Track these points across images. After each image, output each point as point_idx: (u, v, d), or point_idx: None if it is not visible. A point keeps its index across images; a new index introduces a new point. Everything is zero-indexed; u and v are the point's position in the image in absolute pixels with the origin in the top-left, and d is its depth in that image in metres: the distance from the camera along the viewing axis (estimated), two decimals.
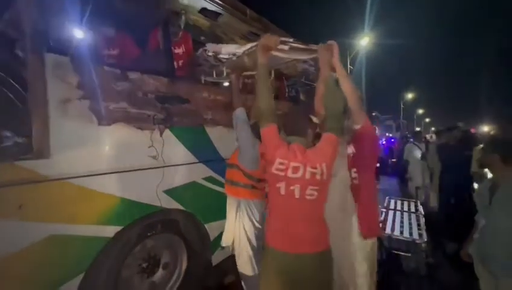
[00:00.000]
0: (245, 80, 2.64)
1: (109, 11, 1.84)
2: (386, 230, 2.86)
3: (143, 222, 1.72)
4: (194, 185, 2.04)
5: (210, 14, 2.61)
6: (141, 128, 1.68)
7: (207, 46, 2.33)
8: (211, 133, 2.16)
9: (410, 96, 33.81)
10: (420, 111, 47.41)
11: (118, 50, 1.86)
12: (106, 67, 1.57)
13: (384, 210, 3.49)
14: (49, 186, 1.28)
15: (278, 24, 3.09)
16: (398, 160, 5.32)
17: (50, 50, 1.29)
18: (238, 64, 1.95)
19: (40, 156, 1.20)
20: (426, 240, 2.68)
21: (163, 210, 1.81)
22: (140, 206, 1.67)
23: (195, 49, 2.48)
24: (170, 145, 1.84)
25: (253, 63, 1.40)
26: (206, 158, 2.12)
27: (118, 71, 1.60)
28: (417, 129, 12.11)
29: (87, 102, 1.43)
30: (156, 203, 1.76)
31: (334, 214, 1.54)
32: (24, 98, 1.16)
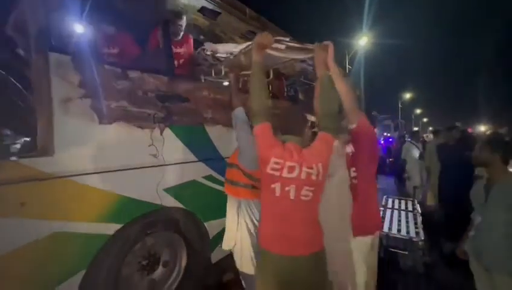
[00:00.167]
0: (245, 79, 2.66)
1: (110, 11, 1.85)
2: (384, 228, 2.90)
3: (143, 220, 1.74)
4: (194, 184, 2.05)
5: (209, 13, 2.62)
6: (141, 126, 1.69)
7: (205, 45, 2.34)
8: (211, 131, 2.17)
9: (408, 96, 33.95)
10: (418, 111, 47.63)
11: (119, 49, 1.87)
12: (107, 66, 1.58)
13: (382, 209, 3.53)
14: (51, 184, 1.29)
15: (277, 23, 3.10)
16: (396, 159, 5.35)
17: (53, 49, 1.30)
18: (235, 63, 1.96)
19: (44, 154, 1.21)
20: (423, 239, 2.71)
21: (163, 208, 1.83)
22: (140, 204, 1.68)
23: (195, 48, 2.49)
24: (170, 143, 1.85)
25: (249, 62, 1.40)
26: (206, 157, 2.13)
27: (119, 70, 1.61)
28: (415, 129, 12.19)
29: (88, 100, 1.44)
30: (156, 201, 1.78)
31: (333, 215, 1.54)
32: (28, 97, 1.17)
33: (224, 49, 1.99)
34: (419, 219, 3.19)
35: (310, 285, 1.20)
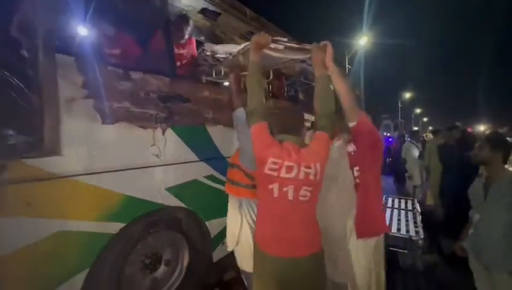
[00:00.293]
0: (244, 80, 2.68)
1: (113, 12, 1.86)
2: None
3: (146, 219, 1.75)
4: (196, 183, 2.07)
5: (210, 14, 2.64)
6: (144, 127, 1.71)
7: (205, 45, 2.36)
8: (212, 131, 2.19)
9: (408, 95, 33.98)
10: (418, 110, 47.66)
11: (123, 51, 1.88)
12: (111, 67, 1.60)
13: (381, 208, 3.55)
14: (57, 183, 1.31)
15: (276, 23, 3.11)
16: (395, 159, 5.37)
17: (59, 51, 1.32)
18: (234, 63, 1.97)
19: (51, 154, 1.23)
20: (423, 237, 2.73)
21: (165, 208, 1.84)
22: (143, 203, 1.70)
23: (196, 49, 2.51)
24: (172, 143, 1.87)
25: (248, 62, 1.41)
26: (207, 157, 2.15)
27: (123, 71, 1.63)
28: (415, 128, 12.21)
29: (93, 101, 1.46)
30: (159, 200, 1.80)
31: (338, 216, 1.54)
32: (35, 98, 1.19)
33: (223, 49, 2.01)
34: (418, 218, 3.21)
35: (309, 286, 1.20)
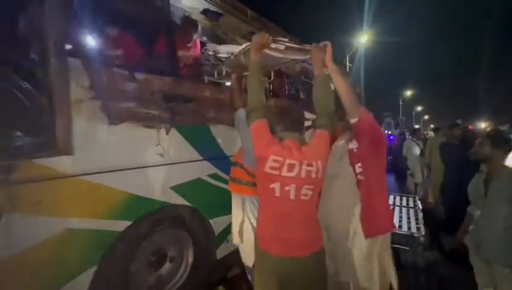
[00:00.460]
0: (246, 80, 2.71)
1: (118, 16, 1.90)
2: None
3: (151, 217, 1.79)
4: (199, 182, 2.10)
5: (211, 15, 2.67)
6: (148, 127, 1.74)
7: (207, 45, 2.39)
8: (215, 131, 2.22)
9: (409, 93, 33.87)
10: (419, 108, 47.51)
11: (128, 53, 1.91)
12: (117, 69, 1.63)
13: None
14: (67, 182, 1.35)
15: (277, 22, 3.12)
16: (396, 157, 5.37)
17: (71, 54, 1.36)
18: (236, 63, 2.00)
19: (64, 153, 1.27)
20: (424, 234, 2.76)
21: (170, 206, 1.88)
22: (148, 201, 1.74)
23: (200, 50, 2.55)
24: (176, 143, 1.91)
25: (249, 62, 1.43)
26: (210, 156, 2.18)
27: (129, 73, 1.66)
28: (416, 126, 12.20)
29: (99, 102, 1.49)
30: (163, 199, 1.83)
31: (339, 214, 1.54)
32: (48, 101, 1.22)
33: (225, 49, 2.04)
34: (420, 215, 3.23)
35: (310, 286, 1.20)
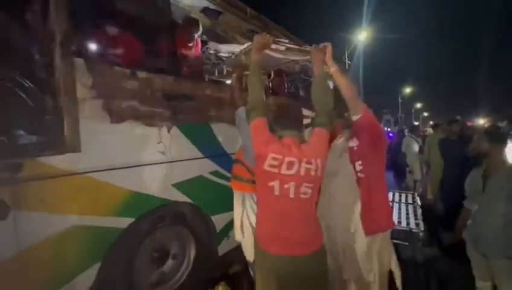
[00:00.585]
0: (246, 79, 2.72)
1: (120, 15, 1.91)
2: None
3: (154, 214, 1.81)
4: (201, 179, 2.12)
5: (211, 13, 2.68)
6: (150, 125, 1.76)
7: (209, 44, 2.41)
8: (216, 129, 2.24)
9: (408, 90, 33.89)
10: (418, 105, 47.54)
11: (130, 52, 1.93)
12: (119, 68, 1.64)
13: None
14: (73, 179, 1.38)
15: (276, 20, 3.13)
16: (395, 154, 5.37)
17: (77, 55, 1.38)
18: (237, 62, 2.02)
19: (72, 151, 1.29)
20: (423, 230, 2.79)
21: (172, 203, 1.90)
22: (151, 199, 1.76)
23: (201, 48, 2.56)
24: (177, 141, 1.93)
25: (249, 61, 1.46)
26: (212, 153, 2.20)
27: (132, 73, 1.68)
28: (415, 123, 12.24)
29: (102, 101, 1.51)
30: (165, 196, 1.85)
31: (340, 212, 1.55)
32: (56, 100, 1.25)
33: (226, 49, 2.06)
34: (419, 211, 3.26)
35: (311, 284, 1.21)
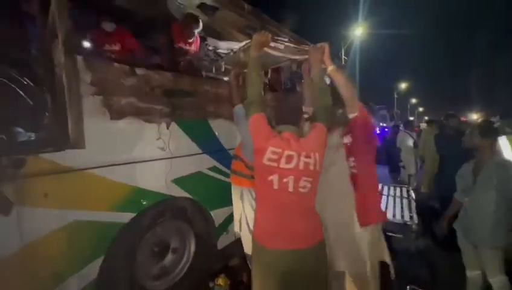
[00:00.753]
0: (243, 77, 2.74)
1: (120, 12, 1.91)
2: None
3: (154, 209, 1.84)
4: (200, 175, 2.15)
5: (208, 9, 2.67)
6: (149, 121, 1.78)
7: (208, 40, 2.41)
8: (214, 125, 2.26)
9: (403, 86, 34.11)
10: (413, 101, 47.92)
11: (129, 49, 1.94)
12: (118, 64, 1.65)
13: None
14: (74, 175, 1.40)
15: (272, 14, 3.13)
16: (389, 148, 5.43)
17: (79, 53, 1.40)
18: (235, 59, 2.03)
19: (76, 147, 1.31)
20: (417, 223, 2.87)
21: (172, 198, 1.93)
22: (151, 194, 1.79)
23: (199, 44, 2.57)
24: (176, 137, 1.95)
25: (248, 59, 1.48)
26: (210, 149, 2.23)
27: (132, 69, 1.69)
28: (410, 118, 12.37)
29: (101, 98, 1.52)
30: (165, 191, 1.88)
31: (335, 205, 1.59)
32: (61, 98, 1.26)
33: (225, 46, 2.07)
34: (413, 205, 3.34)
35: (311, 278, 1.22)
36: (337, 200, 1.59)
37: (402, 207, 3.27)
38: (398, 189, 4.06)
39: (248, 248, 1.90)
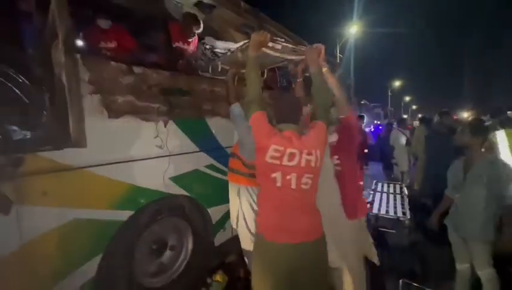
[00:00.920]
0: (240, 76, 2.75)
1: (118, 11, 1.90)
2: (374, 210, 3.12)
3: (152, 207, 1.86)
4: (197, 173, 2.17)
5: (205, 7, 2.67)
6: (147, 120, 1.78)
7: (205, 39, 2.41)
8: (211, 123, 2.28)
9: (397, 84, 34.44)
10: (407, 98, 48.44)
11: (127, 47, 1.93)
12: (115, 63, 1.65)
13: (372, 192, 3.76)
14: (73, 174, 1.40)
15: (268, 12, 3.14)
16: (382, 146, 5.51)
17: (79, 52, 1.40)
18: (232, 59, 2.05)
19: (77, 146, 1.32)
20: (409, 218, 2.95)
21: (169, 196, 1.95)
22: (149, 192, 1.80)
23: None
24: (174, 135, 1.96)
25: (245, 59, 1.50)
26: (207, 147, 2.24)
27: (130, 68, 1.69)
28: (403, 116, 12.55)
29: (99, 96, 1.53)
30: (163, 189, 1.89)
31: (321, 201, 1.59)
32: (63, 98, 1.26)
33: (223, 45, 2.07)
34: (405, 201, 3.43)
35: (313, 270, 1.24)
36: (325, 198, 1.60)
37: (395, 203, 3.36)
38: (392, 186, 4.16)
39: (246, 244, 1.93)
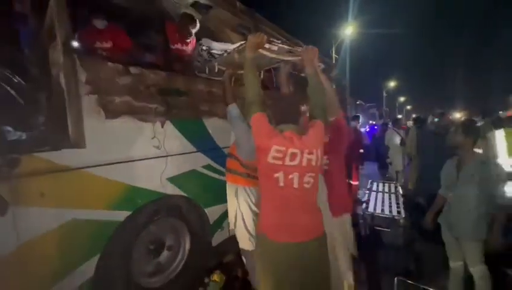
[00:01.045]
0: (237, 77, 2.76)
1: (115, 11, 1.89)
2: (369, 209, 3.16)
3: (149, 207, 1.86)
4: (194, 173, 2.18)
5: (201, 7, 2.67)
6: (144, 120, 1.78)
7: (202, 40, 2.41)
8: (208, 124, 2.28)
9: (392, 84, 34.72)
10: (402, 99, 48.88)
11: (124, 48, 1.93)
12: (112, 64, 1.65)
13: (367, 192, 3.81)
14: (71, 175, 1.40)
15: (263, 13, 3.15)
16: (378, 146, 5.56)
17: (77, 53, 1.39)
18: (229, 60, 2.05)
19: (76, 147, 1.31)
20: (404, 217, 2.99)
21: (166, 196, 1.95)
22: (146, 192, 1.80)
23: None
24: (171, 136, 1.96)
25: (242, 60, 1.51)
26: (204, 147, 2.25)
27: (126, 68, 1.69)
28: (398, 116, 12.69)
29: (96, 97, 1.52)
30: (160, 189, 1.90)
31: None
32: (62, 99, 1.26)
33: (219, 46, 2.08)
34: (400, 200, 3.47)
35: (314, 268, 1.26)
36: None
37: (390, 202, 3.40)
38: (387, 185, 4.21)
39: (244, 244, 1.94)
